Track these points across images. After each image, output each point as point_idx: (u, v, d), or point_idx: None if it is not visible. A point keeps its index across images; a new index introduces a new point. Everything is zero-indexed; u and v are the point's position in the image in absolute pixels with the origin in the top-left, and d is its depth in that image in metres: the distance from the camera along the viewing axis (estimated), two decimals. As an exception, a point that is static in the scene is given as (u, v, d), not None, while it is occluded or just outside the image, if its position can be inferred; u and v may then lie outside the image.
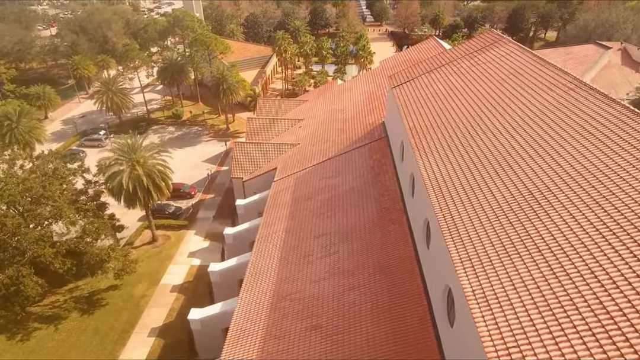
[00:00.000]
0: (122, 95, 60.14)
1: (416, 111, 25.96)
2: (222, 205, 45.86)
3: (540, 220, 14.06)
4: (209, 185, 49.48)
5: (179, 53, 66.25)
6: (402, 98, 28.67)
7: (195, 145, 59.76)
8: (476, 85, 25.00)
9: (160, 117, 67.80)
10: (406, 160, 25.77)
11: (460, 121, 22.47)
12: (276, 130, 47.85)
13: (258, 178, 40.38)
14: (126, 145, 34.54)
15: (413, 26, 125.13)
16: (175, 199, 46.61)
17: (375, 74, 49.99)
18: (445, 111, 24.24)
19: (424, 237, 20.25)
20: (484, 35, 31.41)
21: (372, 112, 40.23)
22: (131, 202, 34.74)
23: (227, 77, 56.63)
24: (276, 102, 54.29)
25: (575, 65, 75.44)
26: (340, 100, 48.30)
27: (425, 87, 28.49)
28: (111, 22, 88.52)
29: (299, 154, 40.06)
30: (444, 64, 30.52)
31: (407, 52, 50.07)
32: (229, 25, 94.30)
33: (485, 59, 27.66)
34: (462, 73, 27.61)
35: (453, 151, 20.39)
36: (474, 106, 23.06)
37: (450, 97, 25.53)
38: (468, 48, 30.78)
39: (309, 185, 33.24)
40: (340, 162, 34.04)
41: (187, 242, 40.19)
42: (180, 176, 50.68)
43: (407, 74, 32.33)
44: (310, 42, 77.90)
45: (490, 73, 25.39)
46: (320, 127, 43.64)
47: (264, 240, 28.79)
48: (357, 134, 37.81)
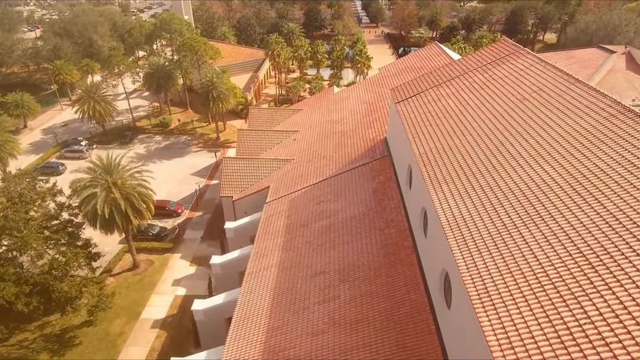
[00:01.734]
0: (105, 103, 56.64)
1: (425, 133, 22.94)
2: (210, 225, 42.59)
3: (602, 297, 11.10)
4: (197, 202, 46.18)
5: (166, 58, 62.77)
6: (407, 116, 25.64)
7: (183, 157, 56.40)
8: (493, 104, 22.02)
9: (146, 125, 64.30)
10: (415, 190, 22.72)
11: (479, 146, 19.48)
12: (269, 143, 44.68)
13: (249, 197, 37.20)
14: (101, 165, 31.17)
15: (410, 28, 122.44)
16: (160, 218, 43.29)
17: (374, 82, 46.97)
18: (459, 133, 21.25)
19: (441, 289, 17.23)
20: (497, 45, 28.47)
21: (373, 126, 37.20)
22: (108, 228, 31.42)
23: (216, 84, 53.33)
24: (269, 112, 51.13)
25: (579, 70, 72.86)
26: (337, 110, 45.24)
27: (434, 104, 25.49)
28: (97, 24, 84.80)
29: (293, 171, 36.94)
30: (453, 77, 27.54)
31: (407, 59, 47.12)
32: (220, 27, 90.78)
33: (501, 73, 24.70)
34: (476, 89, 24.63)
35: (473, 184, 17.37)
36: (493, 129, 20.08)
37: (463, 116, 22.55)
38: (480, 59, 27.83)
39: (304, 209, 30.13)
40: (339, 183, 30.96)
41: (171, 267, 36.91)
42: (166, 191, 47.46)
43: (411, 87, 29.32)
44: (304, 46, 74.74)
45: (509, 90, 22.42)
46: (316, 140, 40.54)
47: (253, 277, 25.62)
48: (357, 150, 34.77)
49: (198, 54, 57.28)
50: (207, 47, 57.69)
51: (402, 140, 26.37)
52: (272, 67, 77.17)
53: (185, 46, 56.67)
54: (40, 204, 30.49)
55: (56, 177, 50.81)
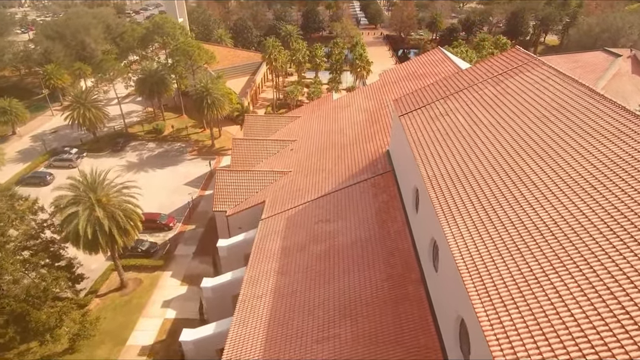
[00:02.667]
0: (95, 109, 54.54)
1: (434, 152, 20.99)
2: (204, 239, 40.55)
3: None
4: (190, 214, 44.14)
5: (159, 62, 60.67)
6: (413, 132, 23.70)
7: (177, 165, 54.34)
8: (509, 122, 20.08)
9: (139, 131, 62.20)
10: (424, 216, 20.75)
11: (496, 172, 17.52)
12: (265, 153, 42.69)
13: (244, 212, 35.23)
14: (84, 182, 29.14)
15: (409, 30, 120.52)
16: (151, 232, 41.27)
17: (374, 89, 45.03)
18: (473, 155, 19.30)
19: (456, 337, 15.28)
20: (508, 54, 26.56)
21: (374, 137, 35.26)
22: (92, 248, 29.40)
23: (211, 90, 51.31)
24: (265, 119, 49.15)
25: (585, 74, 71.02)
26: (337, 119, 43.27)
27: (442, 119, 23.56)
28: (89, 26, 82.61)
29: (290, 184, 34.99)
30: (461, 88, 25.63)
31: (410, 65, 45.21)
32: (216, 30, 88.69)
33: (515, 86, 22.78)
34: (488, 103, 22.71)
35: (491, 218, 15.43)
36: (512, 152, 18.11)
37: (476, 135, 20.61)
38: (490, 69, 25.91)
39: (302, 229, 28.17)
40: (339, 201, 29.00)
41: (161, 287, 34.88)
42: (158, 203, 45.43)
43: (416, 99, 27.39)
44: (302, 49, 72.71)
45: (526, 106, 20.48)
46: (314, 152, 38.58)
47: (246, 305, 23.63)
48: (358, 163, 32.83)
49: (192, 59, 55.23)
50: (202, 51, 55.66)
51: (407, 157, 24.45)
52: (269, 71, 75.11)
53: (179, 51, 54.61)
54: (19, 224, 28.42)
55: (43, 187, 48.95)
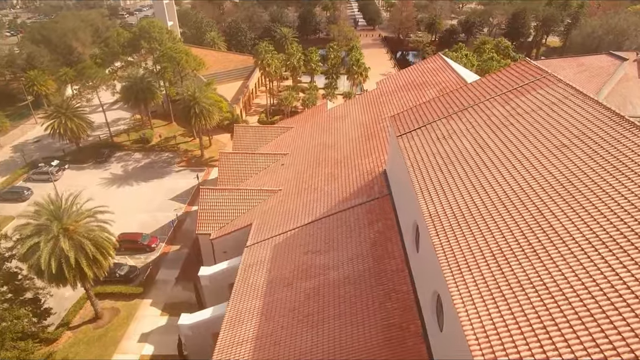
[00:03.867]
0: (78, 119, 51.78)
1: (436, 183, 18.31)
2: (187, 262, 37.85)
3: None
4: (175, 233, 41.40)
5: (146, 68, 57.90)
6: (412, 157, 21.03)
7: (163, 177, 51.60)
8: (524, 152, 17.36)
9: (125, 141, 59.46)
10: (425, 260, 18.01)
11: (512, 218, 14.74)
12: (254, 168, 40.04)
13: (229, 235, 32.58)
14: (48, 209, 26.38)
15: (408, 31, 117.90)
16: (132, 254, 38.59)
17: (371, 100, 42.36)
18: (482, 191, 16.58)
19: None
20: (517, 67, 23.90)
21: (370, 154, 32.60)
22: (58, 281, 26.67)
23: (198, 99, 48.58)
24: (256, 130, 46.45)
25: (590, 78, 68.68)
26: (331, 131, 40.62)
27: (445, 142, 20.89)
28: (77, 30, 79.91)
29: (280, 205, 32.33)
30: (466, 106, 22.98)
31: (409, 73, 42.55)
32: (209, 33, 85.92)
33: (527, 106, 20.12)
34: (496, 125, 20.05)
35: (507, 277, 12.75)
36: (530, 193, 15.24)
37: (484, 164, 17.94)
38: (497, 84, 23.27)
39: (289, 260, 25.50)
40: (331, 228, 26.33)
41: (140, 317, 32.18)
42: (141, 221, 42.77)
43: (416, 117, 24.74)
44: (297, 54, 70.00)
45: (542, 132, 17.82)
46: (306, 168, 35.93)
47: (225, 354, 20.95)
48: (352, 183, 30.16)
49: (180, 65, 52.50)
50: (189, 57, 52.93)
51: (405, 184, 21.77)
52: (263, 76, 72.41)
53: (165, 57, 51.89)
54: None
55: (21, 203, 46.24)
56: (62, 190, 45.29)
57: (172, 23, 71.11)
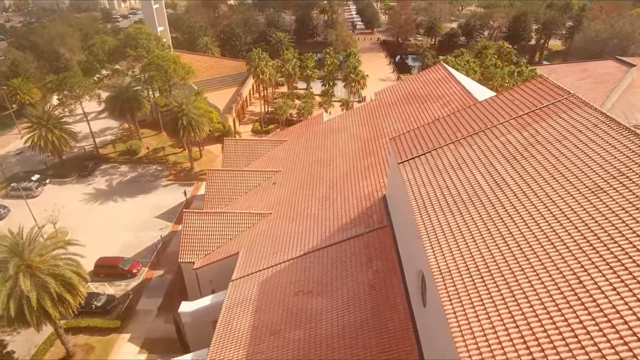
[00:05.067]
0: (60, 131, 48.98)
1: (445, 227, 15.57)
2: (172, 289, 35.03)
3: None
4: (159, 257, 38.57)
5: (133, 76, 55.11)
6: (417, 191, 18.27)
7: (150, 193, 48.76)
8: (550, 194, 14.59)
9: (111, 152, 56.64)
10: (433, 318, 15.26)
11: (534, 271, 12.14)
12: (244, 186, 37.31)
13: (215, 265, 29.82)
14: (8, 245, 23.52)
15: (407, 35, 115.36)
16: (111, 280, 35.78)
17: (369, 112, 39.66)
18: (498, 236, 13.92)
19: None
20: (533, 85, 21.19)
21: (368, 174, 29.88)
22: (21, 323, 23.83)
23: (186, 110, 45.80)
24: (247, 144, 43.64)
25: (595, 85, 66.17)
26: (326, 146, 37.91)
27: (453, 174, 18.16)
28: (65, 35, 77.11)
29: (269, 231, 29.57)
30: (476, 130, 20.27)
31: (409, 84, 39.86)
32: (202, 38, 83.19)
33: (548, 132, 17.40)
34: (513, 156, 17.33)
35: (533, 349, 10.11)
36: (561, 248, 12.62)
37: (500, 204, 15.22)
38: (512, 105, 20.57)
39: (278, 301, 22.72)
40: (325, 264, 23.58)
41: (116, 355, 29.33)
42: (123, 242, 39.98)
43: (419, 140, 22.03)
44: (292, 60, 67.31)
45: (570, 168, 15.08)
46: (299, 188, 33.19)
47: (201, 420, 18.22)
48: (349, 208, 27.42)
49: (167, 74, 49.75)
50: (178, 65, 50.19)
51: (408, 219, 19.05)
52: (256, 84, 69.70)
53: (152, 65, 49.13)
54: None
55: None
56: (41, 210, 43.03)
57: (163, 28, 68.33)
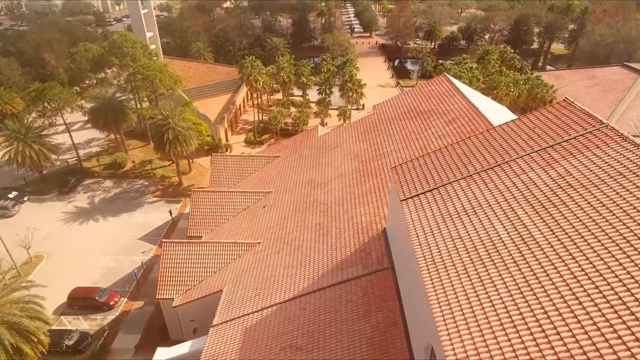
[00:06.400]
0: (39, 145, 46.00)
1: (460, 292, 12.67)
2: (152, 323, 31.95)
3: None
4: (140, 285, 35.55)
5: (119, 85, 52.16)
6: (425, 242, 15.29)
7: (134, 211, 45.72)
8: (582, 246, 11.83)
9: (96, 166, 53.64)
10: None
11: None
12: (232, 208, 34.44)
13: (196, 302, 26.89)
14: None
15: (406, 38, 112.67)
16: (87, 314, 32.79)
17: (367, 127, 36.78)
18: (525, 307, 11.08)
19: None
20: (556, 109, 18.30)
21: (366, 201, 26.97)
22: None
23: (172, 124, 42.86)
24: (237, 160, 40.71)
25: (602, 93, 63.62)
26: (321, 164, 35.02)
27: (467, 220, 15.25)
28: (53, 41, 74.11)
29: (256, 265, 26.65)
30: (492, 164, 17.37)
31: (411, 97, 37.01)
32: (195, 43, 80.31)
33: (580, 172, 14.52)
34: (538, 200, 14.43)
35: None
36: (595, 315, 9.86)
37: (525, 263, 12.35)
38: (534, 133, 17.68)
39: (262, 355, 19.79)
40: (317, 312, 20.65)
41: (86, 404, 26.41)
42: (101, 269, 37.07)
43: (424, 172, 19.14)
44: (287, 67, 64.44)
45: (619, 228, 12.18)
46: (291, 214, 30.28)
47: None
48: (345, 242, 24.50)
49: (154, 84, 46.83)
50: (165, 75, 47.27)
51: (414, 272, 16.15)
52: (249, 92, 66.78)
53: (137, 75, 46.21)
54: None
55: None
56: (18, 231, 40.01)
57: (152, 34, 65.41)
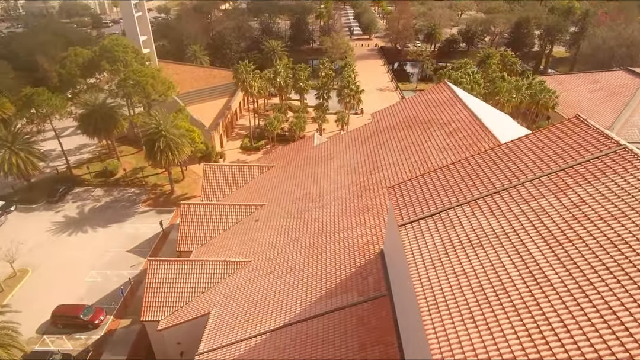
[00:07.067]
0: (26, 153, 44.52)
1: (465, 341, 11.19)
2: (138, 346, 30.43)
3: None
4: (127, 302, 34.03)
5: (110, 91, 50.65)
6: (424, 272, 13.83)
7: (124, 221, 44.21)
8: (604, 292, 10.36)
9: (86, 174, 52.12)
10: None
11: None
12: (223, 222, 32.98)
13: (183, 325, 25.39)
14: None
15: (406, 41, 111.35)
16: (70, 333, 31.28)
17: (364, 137, 35.29)
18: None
19: None
20: (568, 127, 16.85)
21: (363, 220, 25.47)
22: None
23: (164, 132, 41.40)
24: (229, 170, 39.18)
25: (606, 98, 62.27)
26: (316, 177, 33.54)
27: (471, 251, 13.77)
28: (46, 44, 72.59)
29: (246, 286, 25.17)
30: (498, 188, 15.90)
31: (410, 105, 35.54)
32: (191, 46, 78.89)
33: (597, 202, 13.03)
34: (551, 232, 12.96)
35: None
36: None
37: (551, 316, 10.87)
38: (544, 154, 16.23)
39: (249, 392, 18.35)
40: (308, 345, 19.14)
41: None
42: (88, 285, 35.66)
43: (424, 194, 17.66)
44: (284, 72, 63.00)
45: (628, 253, 10.75)
46: (284, 231, 28.78)
47: None
48: (340, 265, 23.01)
49: (145, 91, 45.36)
50: (157, 81, 45.79)
51: (411, 301, 14.68)
52: (245, 97, 65.29)
53: (127, 81, 44.73)
54: None
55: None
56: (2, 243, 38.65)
57: (146, 37, 63.98)
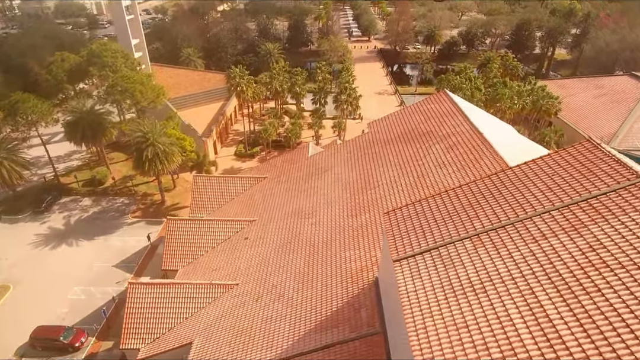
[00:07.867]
0: (10, 162, 42.89)
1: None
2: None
3: None
4: (110, 322, 32.36)
5: (98, 97, 49.02)
6: (421, 322, 12.23)
7: (112, 233, 42.51)
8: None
9: (74, 182, 50.46)
10: None
11: None
12: (211, 239, 31.41)
13: (163, 355, 23.79)
14: None
15: (405, 43, 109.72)
16: (50, 355, 29.64)
17: (360, 149, 33.69)
18: None
19: None
20: (577, 151, 15.23)
21: (356, 243, 23.87)
22: None
23: (152, 140, 39.76)
24: (220, 182, 37.60)
25: (611, 104, 60.69)
26: (309, 191, 31.94)
27: (474, 298, 12.18)
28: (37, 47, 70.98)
29: (232, 314, 23.57)
30: (503, 221, 14.30)
31: (409, 116, 33.93)
32: (185, 49, 77.23)
33: (618, 246, 11.45)
34: (565, 280, 11.42)
35: None
36: None
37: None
38: (554, 184, 14.64)
39: None
40: (294, 386, 17.62)
41: None
42: (70, 303, 33.93)
43: (421, 223, 16.08)
44: (280, 76, 61.40)
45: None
46: (274, 250, 27.19)
47: None
48: (331, 294, 21.43)
49: (134, 97, 43.73)
50: (146, 87, 44.15)
51: (408, 351, 13.08)
52: (239, 102, 63.69)
53: (116, 87, 43.11)
54: None
55: None
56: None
57: (138, 41, 62.35)
